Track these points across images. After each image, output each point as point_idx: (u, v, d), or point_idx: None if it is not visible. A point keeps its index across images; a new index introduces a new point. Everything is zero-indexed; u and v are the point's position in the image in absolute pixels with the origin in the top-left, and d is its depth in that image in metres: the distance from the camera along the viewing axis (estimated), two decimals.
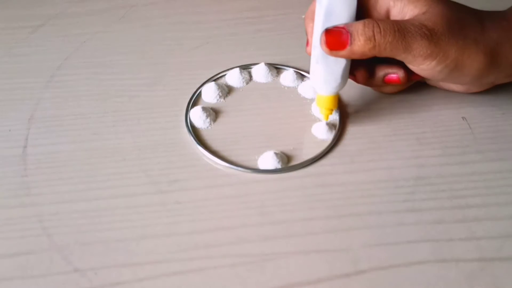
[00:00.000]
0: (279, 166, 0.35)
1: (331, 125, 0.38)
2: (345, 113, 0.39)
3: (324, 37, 0.33)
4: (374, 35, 0.32)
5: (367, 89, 0.41)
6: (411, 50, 0.32)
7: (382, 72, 0.37)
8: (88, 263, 0.30)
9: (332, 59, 0.34)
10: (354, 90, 0.41)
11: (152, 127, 0.39)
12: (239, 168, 0.35)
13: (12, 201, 0.33)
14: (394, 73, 0.37)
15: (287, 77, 0.42)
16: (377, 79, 0.37)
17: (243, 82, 0.42)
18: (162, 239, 0.31)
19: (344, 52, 0.33)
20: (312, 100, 0.40)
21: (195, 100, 0.41)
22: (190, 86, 0.42)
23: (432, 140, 0.37)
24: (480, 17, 0.34)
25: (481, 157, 0.36)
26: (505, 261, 0.30)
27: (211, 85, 0.41)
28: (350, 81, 0.37)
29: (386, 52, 0.32)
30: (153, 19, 0.50)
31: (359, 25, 0.32)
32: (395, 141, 0.37)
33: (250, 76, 0.43)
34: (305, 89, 0.41)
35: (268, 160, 0.35)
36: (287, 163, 0.36)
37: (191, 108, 0.40)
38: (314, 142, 0.37)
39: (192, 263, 0.30)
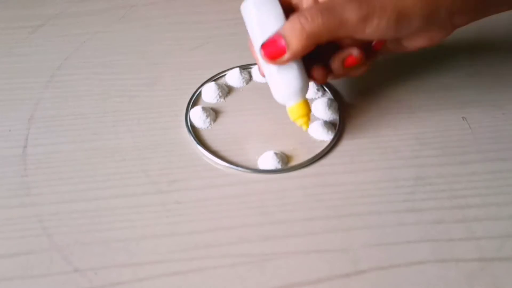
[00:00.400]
0: (279, 166, 0.35)
1: (330, 125, 0.38)
2: (345, 113, 0.39)
3: (262, 52, 0.32)
4: (303, 26, 0.31)
5: (367, 89, 0.41)
6: (347, 21, 0.31)
7: (337, 61, 0.35)
8: (88, 263, 0.30)
9: (282, 68, 0.33)
10: (353, 90, 0.41)
11: (152, 127, 0.39)
12: (239, 168, 0.35)
13: (12, 201, 0.33)
14: (348, 55, 0.34)
15: None
16: (337, 69, 0.35)
17: (243, 82, 0.42)
18: (162, 239, 0.31)
19: (287, 55, 0.32)
20: (312, 100, 0.40)
21: (195, 100, 0.41)
22: (190, 86, 0.42)
23: (432, 140, 0.37)
24: None
25: (481, 157, 0.36)
26: (505, 261, 0.30)
27: (211, 85, 0.41)
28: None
29: (324, 35, 0.31)
30: (153, 19, 0.50)
31: (286, 24, 0.32)
32: (395, 141, 0.37)
33: (250, 76, 0.43)
34: None
35: (268, 160, 0.35)
36: (287, 163, 0.36)
37: (191, 108, 0.40)
38: (314, 142, 0.37)
39: (192, 263, 0.30)
